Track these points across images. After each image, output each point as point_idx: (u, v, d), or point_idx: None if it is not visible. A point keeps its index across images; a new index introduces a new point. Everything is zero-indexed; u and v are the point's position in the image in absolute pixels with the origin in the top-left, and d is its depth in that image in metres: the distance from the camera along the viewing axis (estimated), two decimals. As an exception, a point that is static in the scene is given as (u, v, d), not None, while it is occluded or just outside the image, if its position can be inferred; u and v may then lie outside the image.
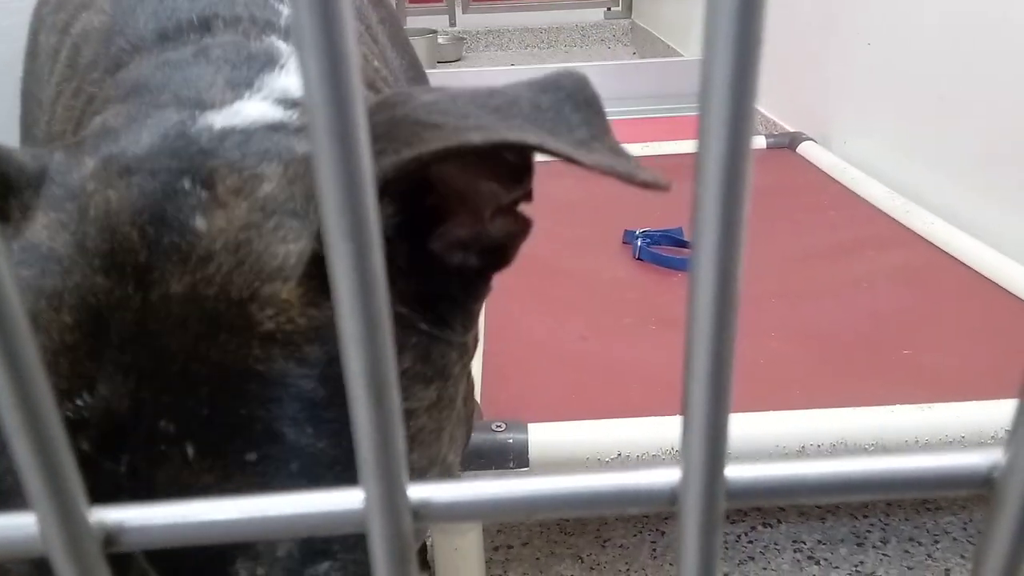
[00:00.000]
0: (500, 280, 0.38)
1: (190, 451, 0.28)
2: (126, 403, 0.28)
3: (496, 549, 0.93)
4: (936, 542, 0.91)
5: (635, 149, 1.73)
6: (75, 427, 0.28)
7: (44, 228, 0.32)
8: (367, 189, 0.11)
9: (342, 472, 0.30)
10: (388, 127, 0.28)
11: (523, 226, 0.35)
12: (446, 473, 0.37)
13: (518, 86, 0.30)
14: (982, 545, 0.14)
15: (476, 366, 0.86)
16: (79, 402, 0.29)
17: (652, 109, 2.25)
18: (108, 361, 0.29)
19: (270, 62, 0.41)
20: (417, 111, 0.28)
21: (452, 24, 3.66)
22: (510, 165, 0.31)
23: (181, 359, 0.29)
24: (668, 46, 3.10)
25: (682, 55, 2.87)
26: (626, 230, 1.24)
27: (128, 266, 0.30)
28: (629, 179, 0.25)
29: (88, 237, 0.31)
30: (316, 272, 0.30)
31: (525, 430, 0.73)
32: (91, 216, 0.31)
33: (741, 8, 0.11)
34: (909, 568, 0.88)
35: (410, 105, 0.29)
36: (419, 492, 0.14)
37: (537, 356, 0.91)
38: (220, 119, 0.35)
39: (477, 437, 0.72)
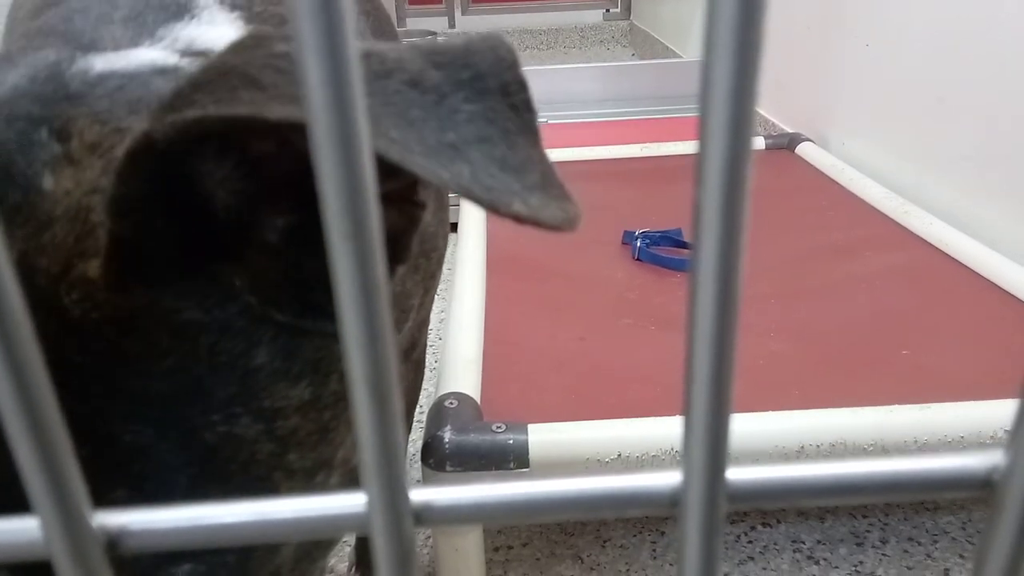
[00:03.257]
0: (498, 280, 0.37)
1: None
2: None
3: (496, 550, 0.93)
4: (935, 542, 0.92)
5: (634, 150, 1.73)
6: None
7: None
8: (369, 192, 0.11)
9: (198, 476, 0.27)
10: (219, 74, 0.23)
11: (409, 218, 0.29)
12: (348, 476, 0.33)
13: (417, 49, 0.23)
14: (982, 547, 0.14)
15: (475, 367, 0.86)
16: None
17: (651, 110, 2.25)
18: None
19: (180, 11, 0.36)
20: (254, 62, 0.23)
21: (451, 26, 3.67)
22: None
23: None
24: (667, 47, 3.10)
25: (681, 56, 2.88)
26: (625, 231, 1.24)
27: None
28: (499, 211, 0.19)
29: None
30: (117, 253, 0.26)
31: (525, 431, 0.73)
32: None
33: (742, 10, 0.11)
34: (908, 568, 0.88)
35: (257, 52, 0.23)
36: (421, 495, 0.14)
37: (537, 357, 0.91)
38: (103, 62, 0.31)
39: (477, 438, 0.73)
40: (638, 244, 1.18)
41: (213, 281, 0.27)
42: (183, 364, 0.27)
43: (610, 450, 0.72)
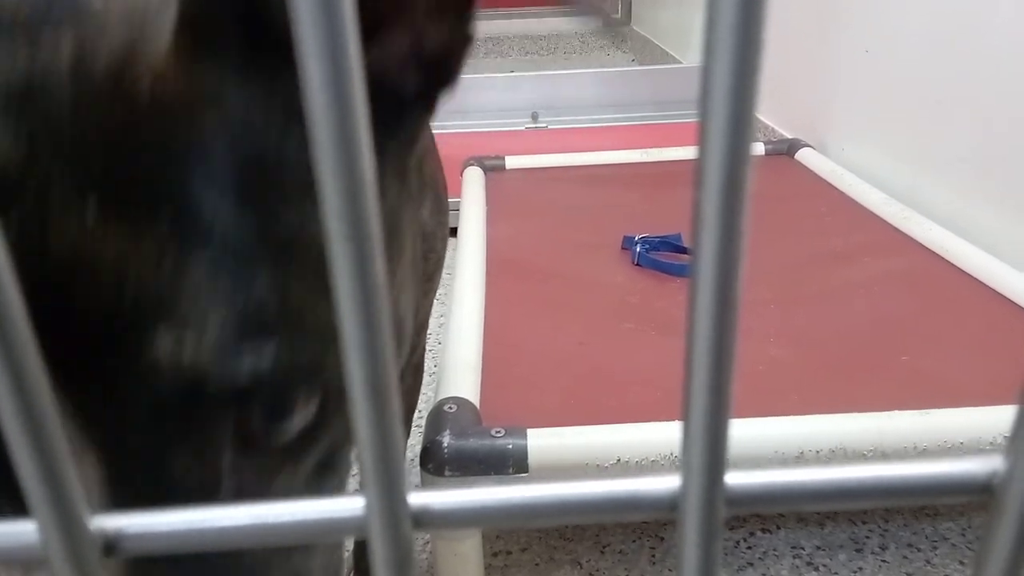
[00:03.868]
0: (498, 285, 0.37)
1: (92, 206, 0.25)
2: (15, 163, 0.25)
3: (496, 555, 0.93)
4: (935, 548, 0.91)
5: (634, 155, 1.73)
6: None
7: None
8: (369, 195, 0.11)
9: (275, 269, 0.27)
10: None
11: (463, 36, 0.31)
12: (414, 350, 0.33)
13: None
14: (981, 552, 0.14)
15: (475, 372, 0.86)
16: None
17: (651, 116, 2.25)
18: None
19: None
20: None
21: (451, 30, 3.67)
22: None
23: (75, 124, 0.26)
24: (666, 53, 3.11)
25: (680, 62, 2.88)
26: (625, 236, 1.24)
27: (17, 25, 0.27)
28: None
29: None
30: (190, 32, 0.27)
31: (524, 436, 0.73)
32: None
33: (741, 16, 0.11)
34: (908, 574, 0.88)
35: None
36: (419, 499, 0.14)
37: (536, 362, 0.91)
38: None
39: (476, 443, 0.72)
40: (638, 249, 1.18)
41: (280, 83, 0.29)
42: (254, 150, 0.28)
43: (609, 455, 0.72)
